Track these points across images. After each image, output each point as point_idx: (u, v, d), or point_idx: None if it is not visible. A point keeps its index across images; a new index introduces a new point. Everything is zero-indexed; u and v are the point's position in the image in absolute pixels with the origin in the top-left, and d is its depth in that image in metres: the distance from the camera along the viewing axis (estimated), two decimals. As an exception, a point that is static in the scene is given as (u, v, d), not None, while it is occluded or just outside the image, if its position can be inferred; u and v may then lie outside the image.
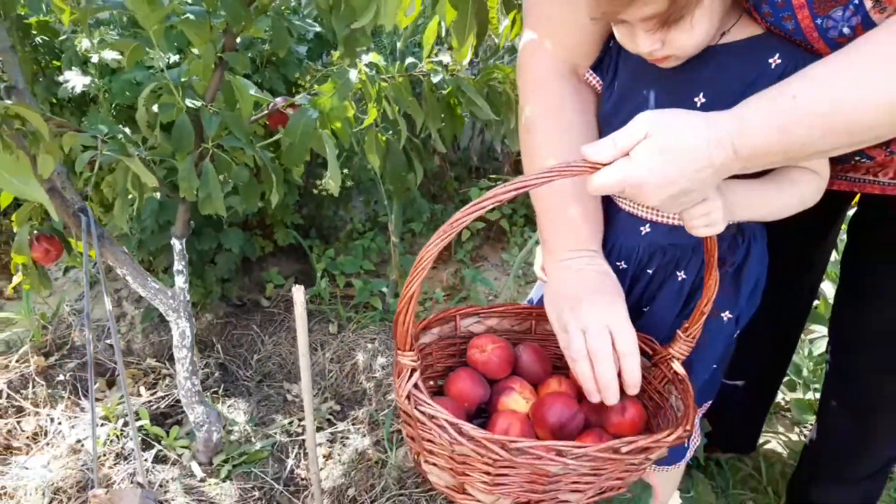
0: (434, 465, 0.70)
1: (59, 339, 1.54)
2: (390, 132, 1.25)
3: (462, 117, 1.34)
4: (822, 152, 0.64)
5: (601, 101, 0.80)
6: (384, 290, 1.78)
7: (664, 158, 0.60)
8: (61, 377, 1.44)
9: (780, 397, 1.48)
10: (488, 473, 0.65)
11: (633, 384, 0.70)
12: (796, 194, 0.73)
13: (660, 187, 0.60)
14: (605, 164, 0.60)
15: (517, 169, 2.23)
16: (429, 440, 0.67)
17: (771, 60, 0.68)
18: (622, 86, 0.76)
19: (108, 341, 1.57)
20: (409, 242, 2.06)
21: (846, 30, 0.63)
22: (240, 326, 1.66)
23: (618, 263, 0.81)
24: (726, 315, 0.83)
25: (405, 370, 0.65)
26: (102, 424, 1.31)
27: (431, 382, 0.85)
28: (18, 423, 1.34)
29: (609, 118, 0.78)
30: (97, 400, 1.42)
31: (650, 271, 0.81)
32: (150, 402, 1.40)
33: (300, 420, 1.37)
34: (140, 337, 1.59)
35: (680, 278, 0.78)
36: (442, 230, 0.57)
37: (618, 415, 0.73)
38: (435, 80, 1.24)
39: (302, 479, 1.23)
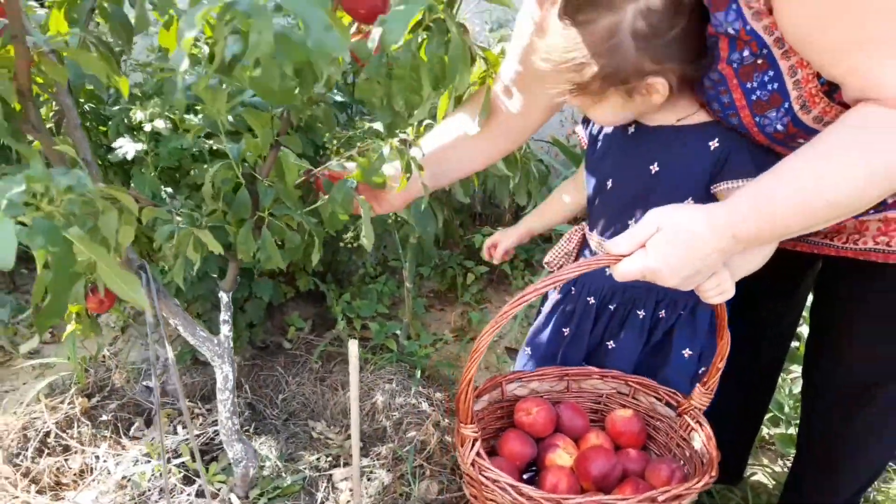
0: None
1: (100, 381, 1.66)
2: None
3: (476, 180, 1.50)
4: (805, 230, 0.79)
5: (585, 154, 0.96)
6: (398, 332, 1.91)
7: (675, 248, 0.74)
8: (104, 417, 1.56)
9: (765, 432, 1.61)
10: None
11: None
12: (768, 252, 0.88)
13: (674, 272, 0.75)
14: (626, 256, 0.75)
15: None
16: (492, 499, 0.78)
17: (710, 144, 0.84)
18: (601, 148, 0.92)
19: (145, 383, 1.68)
20: (417, 286, 2.20)
21: (779, 126, 0.78)
22: (265, 368, 1.78)
23: (587, 299, 0.95)
24: (686, 352, 0.97)
25: (468, 440, 0.78)
26: (147, 461, 1.43)
27: (484, 443, 0.97)
28: (66, 460, 1.46)
29: (593, 170, 0.93)
30: (137, 439, 1.54)
31: (612, 307, 0.95)
32: (186, 440, 1.52)
33: (326, 456, 1.49)
34: (176, 379, 1.71)
35: (640, 316, 0.93)
36: (494, 321, 0.72)
37: (653, 467, 0.85)
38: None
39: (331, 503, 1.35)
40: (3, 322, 1.80)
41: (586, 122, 0.98)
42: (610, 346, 0.96)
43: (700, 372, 1.01)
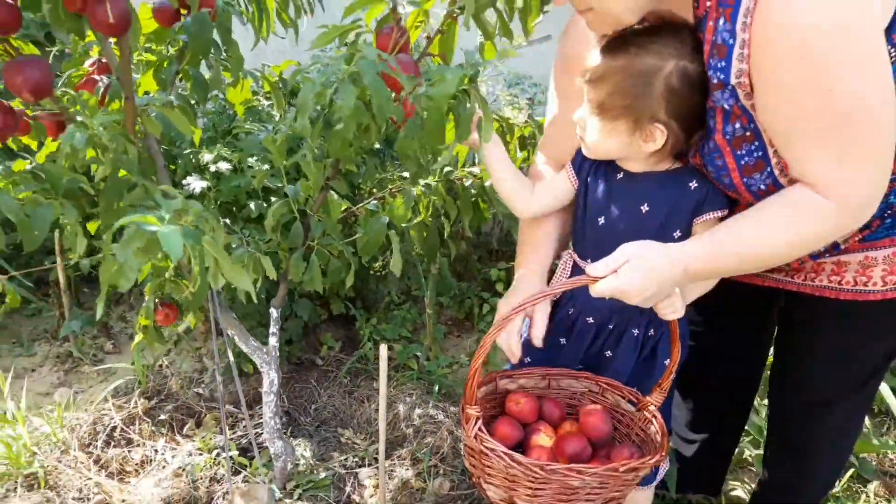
0: (491, 484, 1.03)
1: (158, 386, 1.89)
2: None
3: (487, 211, 1.73)
4: (743, 272, 1.01)
5: (576, 193, 1.17)
6: (419, 353, 2.13)
7: (640, 275, 0.96)
8: (161, 416, 1.79)
9: (746, 453, 1.79)
10: (531, 488, 0.98)
11: None
12: (712, 283, 1.09)
13: (638, 293, 0.96)
14: (601, 278, 0.97)
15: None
16: (489, 466, 0.99)
17: (690, 184, 1.06)
18: (592, 189, 1.13)
19: (195, 390, 1.91)
20: (437, 313, 2.41)
21: (762, 186, 0.99)
22: (300, 381, 2.00)
23: (587, 318, 1.16)
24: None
25: (472, 418, 1.00)
26: (200, 454, 1.65)
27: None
28: (129, 452, 1.68)
29: (584, 207, 1.14)
30: (189, 436, 1.76)
31: (611, 326, 1.16)
32: (231, 439, 1.74)
33: (353, 457, 1.70)
34: (221, 387, 1.94)
35: (635, 333, 1.13)
36: (498, 324, 0.93)
37: (617, 450, 1.06)
38: (466, 183, 1.63)
39: (358, 502, 1.55)
40: (74, 333, 2.05)
41: (574, 163, 1.20)
42: (608, 355, 1.17)
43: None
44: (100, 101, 1.28)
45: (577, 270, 1.17)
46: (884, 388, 1.86)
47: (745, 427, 1.58)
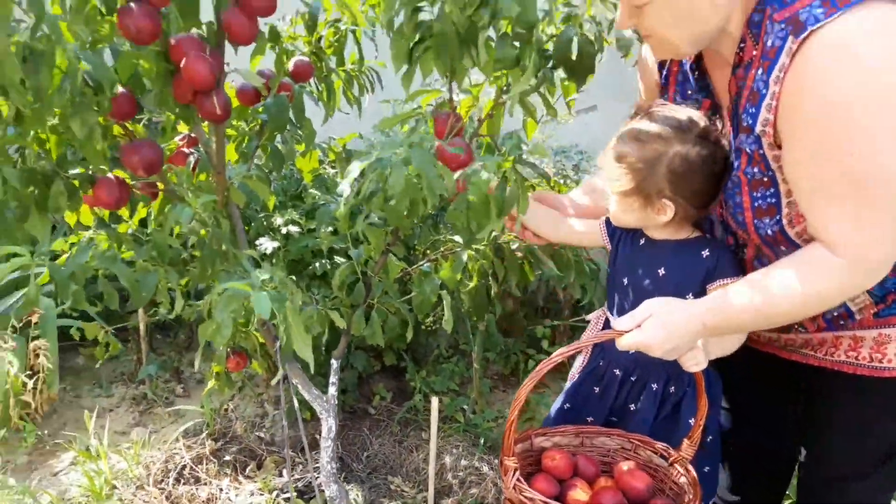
0: None
1: (224, 429, 2.04)
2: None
3: (532, 272, 1.84)
4: (759, 327, 1.09)
5: (609, 255, 1.29)
6: (465, 406, 2.23)
7: (661, 329, 1.05)
8: (226, 458, 1.92)
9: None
10: None
11: None
12: (736, 340, 1.17)
13: (659, 346, 1.06)
14: (626, 332, 1.07)
15: (574, 309, 2.69)
16: None
17: (703, 253, 1.15)
18: (619, 251, 1.24)
19: (257, 433, 2.05)
20: (484, 368, 2.51)
21: (770, 231, 1.07)
22: (354, 429, 2.12)
23: (615, 370, 1.25)
24: (692, 420, 1.24)
25: (511, 469, 1.09)
26: (261, 495, 1.77)
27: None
28: (197, 489, 1.82)
29: (613, 268, 1.25)
30: (251, 478, 1.89)
31: (633, 378, 1.24)
32: (288, 483, 1.86)
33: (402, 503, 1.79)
34: (281, 432, 2.07)
35: (654, 388, 1.22)
36: (531, 377, 1.04)
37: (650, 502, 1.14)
38: (513, 246, 1.76)
39: (406, 547, 1.64)
40: (150, 377, 2.23)
41: (608, 224, 1.32)
42: (632, 409, 1.26)
43: (709, 439, 1.29)
44: (190, 172, 1.47)
45: (608, 326, 1.27)
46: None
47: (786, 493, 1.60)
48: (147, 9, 1.05)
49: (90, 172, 1.19)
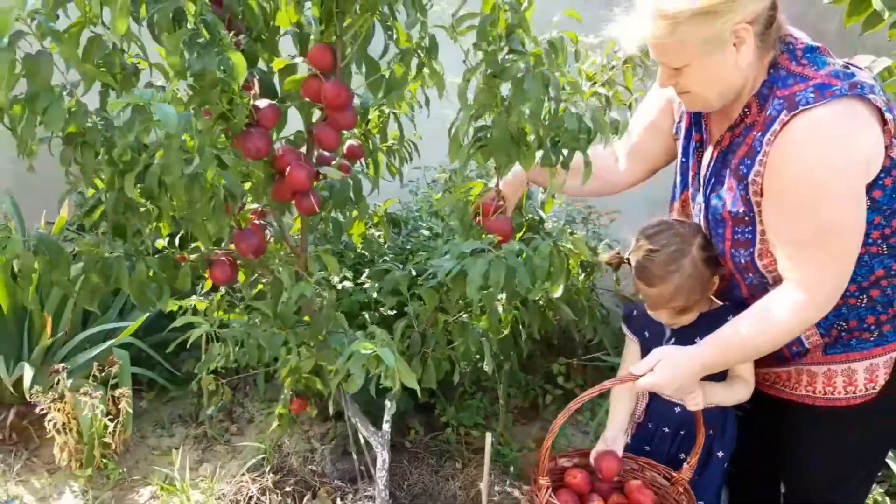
0: None
1: (280, 462, 2.29)
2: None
3: (552, 319, 2.12)
4: (747, 360, 1.37)
5: (640, 343, 1.57)
6: (493, 439, 2.48)
7: (670, 371, 1.34)
8: (286, 489, 2.18)
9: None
10: None
11: None
12: (736, 387, 1.45)
13: (668, 385, 1.34)
14: (641, 376, 1.35)
15: (587, 348, 2.95)
16: None
17: (728, 318, 1.43)
18: (654, 339, 1.52)
19: (309, 467, 2.30)
20: (507, 402, 2.77)
21: (743, 261, 1.36)
22: (394, 461, 2.36)
23: (664, 429, 1.53)
24: (719, 453, 1.52)
25: (544, 488, 1.37)
26: (322, 520, 2.03)
27: (547, 494, 1.55)
28: (263, 518, 2.07)
29: (650, 341, 1.52)
30: (308, 506, 2.14)
31: (682, 433, 1.52)
32: (342, 509, 2.11)
33: (445, 526, 2.04)
34: (329, 465, 2.32)
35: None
36: (563, 412, 1.32)
37: None
38: (535, 297, 2.04)
39: (452, 563, 1.89)
40: (210, 417, 2.49)
41: (629, 322, 1.61)
42: (682, 457, 1.54)
43: (725, 466, 1.56)
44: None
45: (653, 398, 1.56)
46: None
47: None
48: (261, 132, 1.35)
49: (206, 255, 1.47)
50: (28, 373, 2.17)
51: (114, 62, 1.25)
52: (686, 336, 1.46)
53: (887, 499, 2.20)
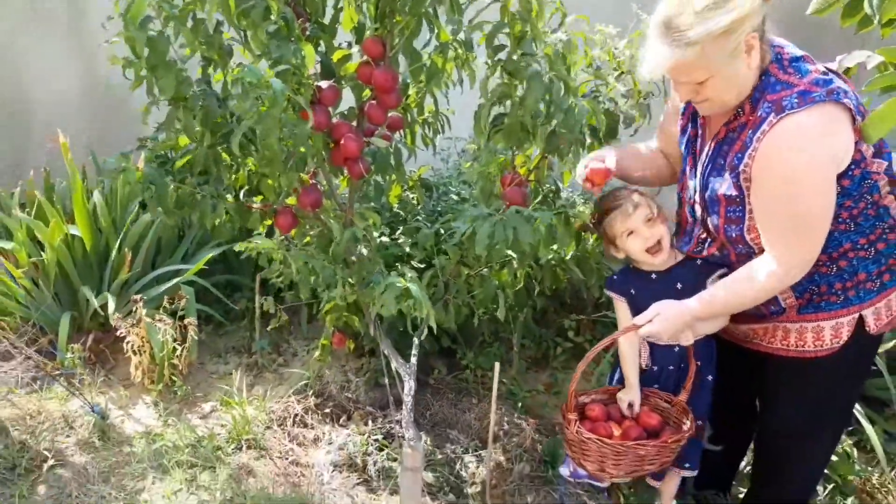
0: (588, 461, 1.71)
1: (321, 389, 2.65)
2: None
3: (562, 277, 2.42)
4: (729, 312, 1.67)
5: (628, 302, 1.86)
6: (505, 380, 2.81)
7: (666, 321, 1.64)
8: (326, 410, 2.54)
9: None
10: (615, 460, 1.66)
11: None
12: (717, 321, 1.73)
13: (665, 333, 1.64)
14: (642, 326, 1.65)
15: (596, 306, 3.25)
16: (586, 450, 1.68)
17: (698, 263, 1.71)
18: (640, 295, 1.81)
19: (346, 394, 2.66)
20: (521, 352, 3.09)
21: (734, 234, 1.60)
22: (418, 395, 2.71)
23: (669, 367, 1.84)
24: (709, 377, 1.82)
25: (573, 421, 1.70)
26: (357, 436, 2.39)
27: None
28: (305, 432, 2.44)
29: (641, 306, 1.81)
30: (344, 426, 2.50)
31: (683, 366, 1.83)
32: (372, 430, 2.47)
33: (459, 447, 2.39)
34: (363, 394, 2.68)
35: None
36: (586, 357, 1.64)
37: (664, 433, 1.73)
38: (549, 256, 2.34)
39: (465, 475, 2.24)
40: (262, 349, 2.86)
41: (612, 285, 1.90)
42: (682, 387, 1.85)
43: (713, 386, 1.87)
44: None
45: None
46: (870, 430, 2.39)
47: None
48: (323, 108, 1.66)
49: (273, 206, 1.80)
50: (111, 301, 2.55)
51: (213, 42, 1.56)
52: (666, 285, 1.76)
53: (855, 450, 2.47)
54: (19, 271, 2.67)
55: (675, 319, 1.63)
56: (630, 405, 1.83)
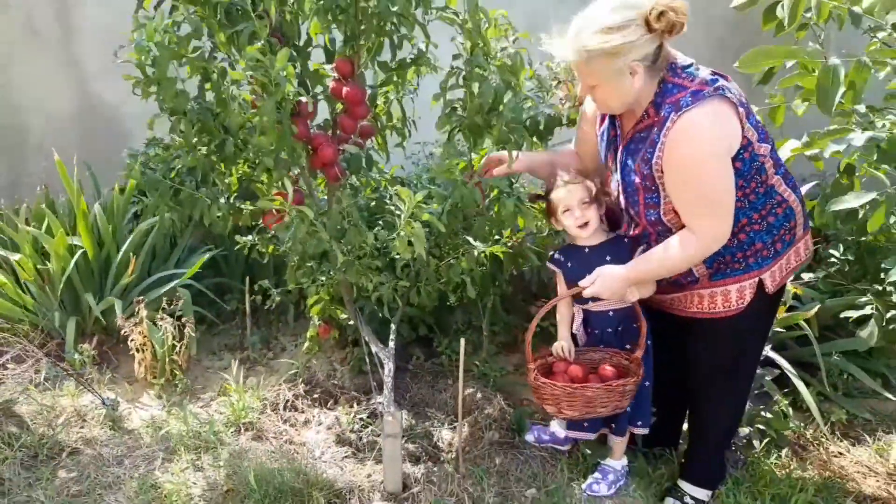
0: (548, 405, 2.00)
1: (310, 377, 2.90)
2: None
3: (524, 263, 2.70)
4: (660, 276, 1.96)
5: (564, 275, 2.15)
6: (477, 362, 3.08)
7: (606, 283, 1.93)
8: (315, 395, 2.79)
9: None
10: (568, 401, 1.95)
11: None
12: (649, 286, 2.03)
13: (605, 292, 1.93)
14: (586, 288, 1.94)
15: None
16: (544, 394, 1.98)
17: (625, 241, 2.01)
18: (575, 267, 2.10)
19: (332, 381, 2.91)
20: (492, 337, 3.36)
21: (653, 217, 1.90)
22: (398, 379, 2.97)
23: (607, 329, 2.13)
24: (648, 342, 2.11)
25: (533, 370, 1.98)
26: (342, 417, 2.64)
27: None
28: (297, 415, 2.69)
29: (577, 276, 2.09)
30: (331, 410, 2.76)
31: (620, 328, 2.11)
32: (357, 411, 2.72)
33: (436, 422, 2.65)
34: (347, 381, 2.94)
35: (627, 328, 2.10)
36: (536, 317, 1.94)
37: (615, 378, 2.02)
38: (509, 244, 2.62)
39: (441, 445, 2.50)
40: (254, 344, 3.11)
41: (553, 260, 2.19)
42: (627, 347, 2.11)
43: (650, 346, 2.16)
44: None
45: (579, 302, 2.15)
46: (804, 391, 2.69)
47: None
48: (303, 120, 1.92)
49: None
50: (118, 305, 2.79)
51: (209, 64, 1.83)
52: (598, 258, 2.05)
53: (791, 409, 2.77)
54: (27, 280, 2.90)
55: (612, 280, 1.92)
56: (565, 350, 2.18)
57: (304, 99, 1.93)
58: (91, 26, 3.61)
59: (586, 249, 2.10)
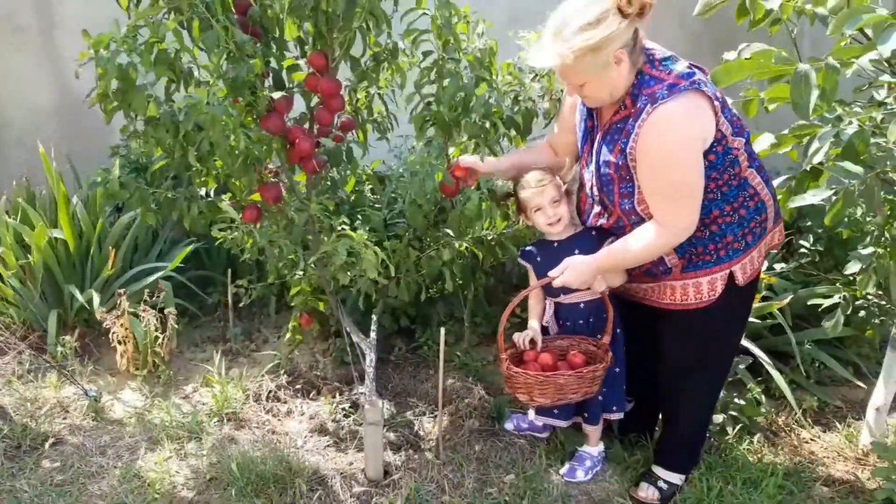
0: (519, 393, 2.04)
1: (292, 369, 2.93)
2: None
3: (502, 255, 2.74)
4: (628, 266, 2.01)
5: (535, 270, 2.19)
6: (459, 353, 3.12)
7: (575, 272, 1.97)
8: (297, 386, 2.82)
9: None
10: (540, 389, 1.99)
11: None
12: (619, 276, 2.07)
13: (575, 282, 1.97)
14: (556, 278, 1.98)
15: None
16: (516, 382, 2.02)
17: (592, 233, 2.05)
18: (544, 262, 2.14)
19: (315, 372, 2.94)
20: (473, 328, 3.40)
21: (627, 207, 1.94)
22: (380, 370, 3.01)
23: (579, 321, 2.17)
24: (618, 330, 2.15)
25: (505, 360, 2.02)
26: (324, 407, 2.68)
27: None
28: (279, 405, 2.72)
29: (546, 270, 2.13)
30: (314, 400, 2.79)
31: (591, 319, 2.15)
32: (339, 401, 2.75)
33: (418, 411, 2.69)
34: (330, 371, 2.97)
35: (596, 319, 2.14)
36: (509, 305, 1.97)
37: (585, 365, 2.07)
38: (489, 237, 2.66)
39: (422, 433, 2.54)
40: (236, 336, 3.13)
41: (524, 255, 2.23)
42: (598, 336, 2.16)
43: (620, 335, 2.21)
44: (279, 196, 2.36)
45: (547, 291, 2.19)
46: (778, 378, 2.75)
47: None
48: (278, 115, 1.95)
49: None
50: (96, 297, 2.80)
51: (175, 68, 1.84)
52: (567, 252, 2.08)
53: (763, 396, 2.82)
54: (8, 273, 2.90)
55: (581, 269, 1.97)
56: (532, 341, 2.22)
57: (275, 95, 1.95)
58: (72, 21, 3.61)
59: (555, 244, 2.14)
